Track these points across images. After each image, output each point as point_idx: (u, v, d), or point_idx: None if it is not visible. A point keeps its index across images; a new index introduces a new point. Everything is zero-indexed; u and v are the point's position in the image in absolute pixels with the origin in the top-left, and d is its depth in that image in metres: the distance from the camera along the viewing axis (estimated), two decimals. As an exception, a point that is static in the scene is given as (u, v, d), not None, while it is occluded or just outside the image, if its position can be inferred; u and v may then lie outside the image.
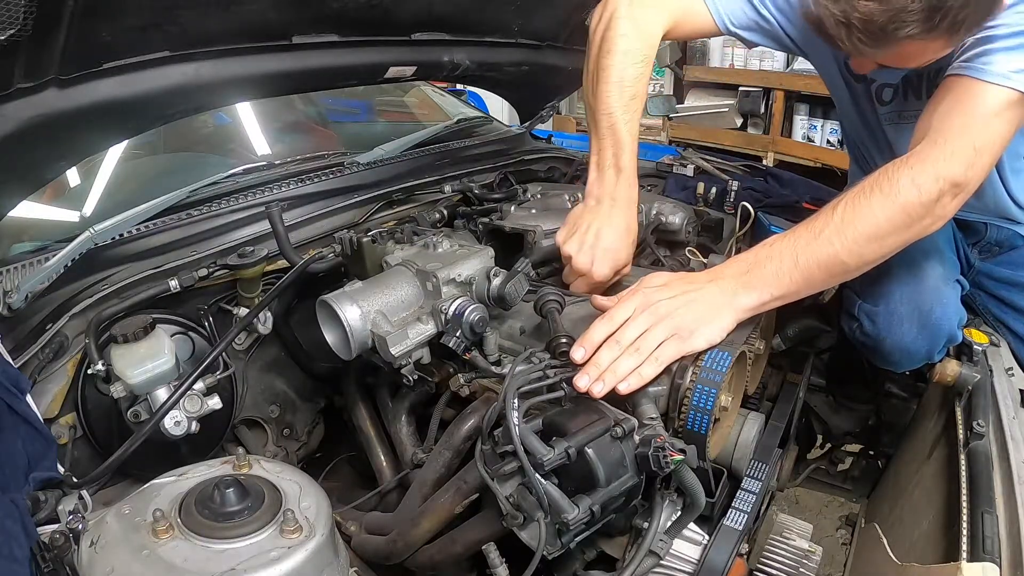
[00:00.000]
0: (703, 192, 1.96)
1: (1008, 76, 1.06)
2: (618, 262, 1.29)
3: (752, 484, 1.17)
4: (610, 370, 0.99)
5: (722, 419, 1.11)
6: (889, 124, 1.46)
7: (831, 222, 1.06)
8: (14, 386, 0.95)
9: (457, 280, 1.20)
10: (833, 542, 2.11)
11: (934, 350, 1.35)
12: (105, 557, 0.76)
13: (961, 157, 1.05)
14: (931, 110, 1.12)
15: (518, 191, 1.79)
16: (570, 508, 0.86)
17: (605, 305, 1.11)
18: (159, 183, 1.64)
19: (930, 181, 1.04)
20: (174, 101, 1.34)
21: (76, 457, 1.20)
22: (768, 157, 4.45)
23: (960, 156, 1.05)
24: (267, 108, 2.03)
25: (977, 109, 1.08)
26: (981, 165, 1.08)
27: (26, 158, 1.19)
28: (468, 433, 1.16)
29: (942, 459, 1.28)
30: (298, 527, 0.78)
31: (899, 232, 1.06)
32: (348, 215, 1.63)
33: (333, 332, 1.18)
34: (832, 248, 1.05)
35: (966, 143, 1.06)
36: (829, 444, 1.97)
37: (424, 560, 1.12)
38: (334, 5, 1.36)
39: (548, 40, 1.97)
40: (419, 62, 1.74)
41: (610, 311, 1.06)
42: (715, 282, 1.07)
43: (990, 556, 0.93)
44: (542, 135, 2.51)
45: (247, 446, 1.46)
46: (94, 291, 1.26)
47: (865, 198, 1.06)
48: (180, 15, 1.16)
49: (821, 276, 1.07)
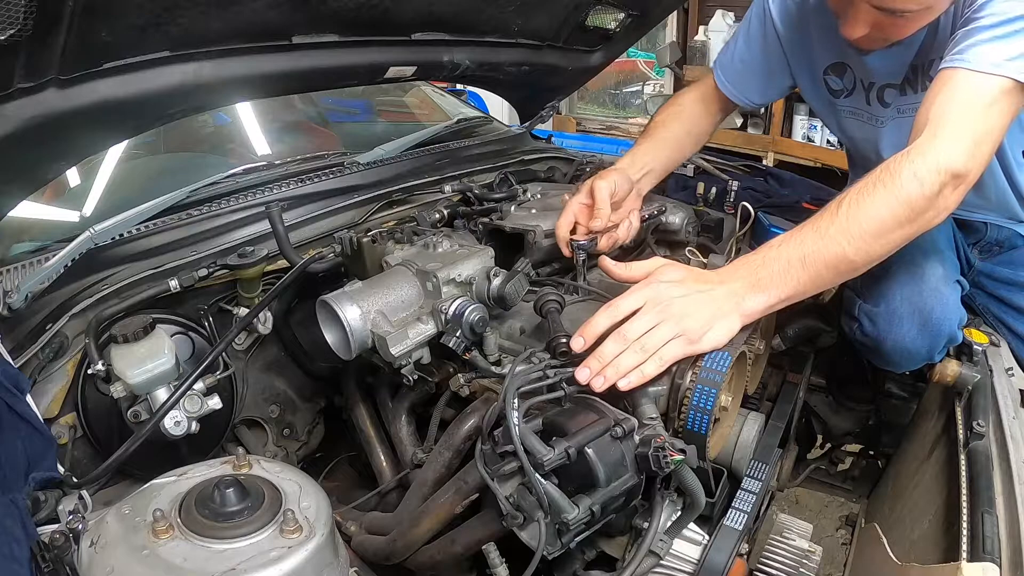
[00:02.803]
0: (703, 192, 1.96)
1: (1000, 64, 1.07)
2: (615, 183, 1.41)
3: (752, 484, 1.17)
4: (612, 365, 0.99)
5: (722, 419, 1.11)
6: (891, 121, 1.46)
7: (836, 220, 1.06)
8: (14, 386, 0.95)
9: (457, 280, 1.20)
10: (833, 542, 2.10)
11: (934, 351, 1.35)
12: (105, 557, 0.76)
13: (960, 148, 1.06)
14: (927, 104, 1.12)
15: (518, 191, 1.79)
16: (570, 508, 0.86)
17: (613, 271, 1.12)
18: (159, 183, 1.64)
19: (931, 173, 1.04)
20: (174, 101, 1.34)
21: (76, 457, 1.20)
22: (768, 157, 4.45)
23: (959, 147, 1.06)
24: (267, 108, 2.04)
25: (972, 100, 1.08)
26: (981, 155, 1.08)
27: (26, 158, 1.19)
28: (468, 433, 1.16)
29: (942, 459, 1.28)
30: (298, 527, 0.78)
31: (903, 226, 1.06)
32: (348, 215, 1.63)
33: (333, 332, 1.18)
34: (839, 247, 1.05)
35: (964, 134, 1.06)
36: (829, 444, 1.97)
37: (424, 560, 1.13)
38: (334, 5, 1.36)
39: (548, 40, 1.97)
40: (419, 62, 1.74)
41: (616, 301, 1.05)
42: (725, 284, 1.07)
43: (990, 556, 0.93)
44: (542, 135, 2.50)
45: (247, 446, 1.46)
46: (94, 291, 1.26)
47: (868, 194, 1.06)
48: (180, 15, 1.16)
49: (829, 275, 1.07)
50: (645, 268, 1.11)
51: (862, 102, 1.49)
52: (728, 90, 1.64)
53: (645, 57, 5.12)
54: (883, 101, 1.45)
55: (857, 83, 1.48)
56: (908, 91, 1.39)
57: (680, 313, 1.02)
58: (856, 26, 1.20)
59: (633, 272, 1.12)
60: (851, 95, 1.51)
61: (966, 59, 1.09)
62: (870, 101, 1.47)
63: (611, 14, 1.95)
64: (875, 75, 1.42)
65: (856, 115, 1.53)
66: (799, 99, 4.41)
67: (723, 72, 1.65)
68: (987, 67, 1.07)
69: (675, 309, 1.03)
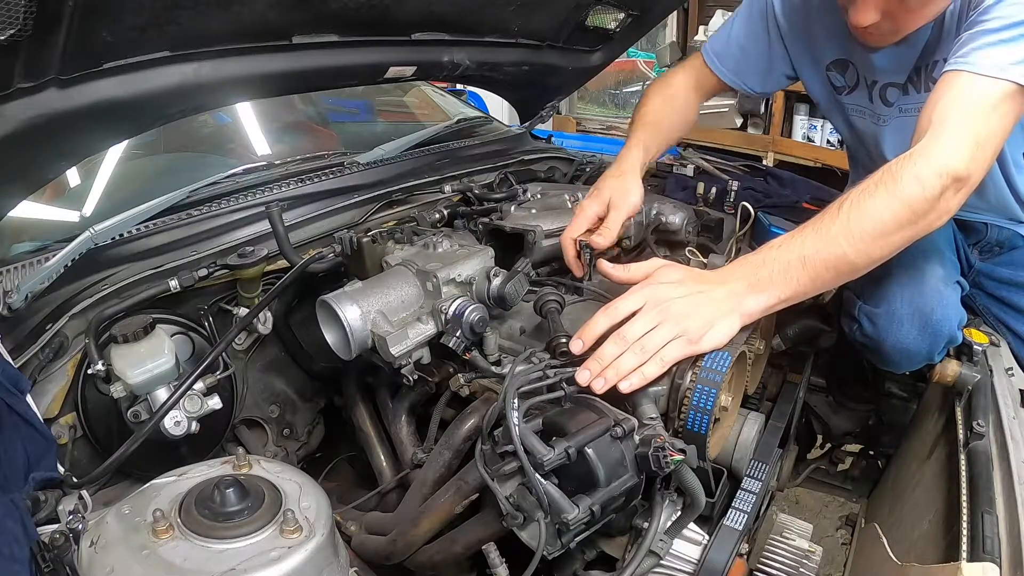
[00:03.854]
0: (703, 192, 1.96)
1: (1004, 68, 1.06)
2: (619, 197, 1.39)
3: (752, 484, 1.17)
4: (613, 366, 0.99)
5: (722, 419, 1.11)
6: (893, 120, 1.46)
7: (837, 221, 1.06)
8: (14, 386, 0.95)
9: (457, 280, 1.20)
10: (833, 542, 2.10)
11: (934, 352, 1.35)
12: (105, 557, 0.76)
13: (962, 151, 1.05)
14: (930, 106, 1.12)
15: (518, 191, 1.79)
16: (570, 508, 0.86)
17: (611, 274, 1.11)
18: (159, 183, 1.64)
19: (933, 176, 1.04)
20: (174, 101, 1.34)
21: (76, 457, 1.20)
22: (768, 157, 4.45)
23: (961, 150, 1.05)
24: (267, 108, 2.03)
25: (975, 103, 1.08)
26: (983, 159, 1.08)
27: (26, 158, 1.19)
28: (468, 433, 1.16)
29: (942, 459, 1.28)
30: (298, 527, 0.78)
31: (904, 229, 1.06)
32: (348, 215, 1.63)
33: (333, 332, 1.18)
34: (840, 248, 1.05)
35: (967, 137, 1.06)
36: (829, 444, 1.97)
37: (424, 560, 1.12)
38: (334, 5, 1.36)
39: (548, 40, 1.97)
40: (419, 62, 1.74)
41: (616, 302, 1.05)
42: (725, 284, 1.07)
43: (990, 556, 0.93)
44: (542, 135, 2.51)
45: (247, 446, 1.46)
46: (94, 291, 1.26)
47: (870, 196, 1.06)
48: (180, 15, 1.16)
49: (829, 276, 1.07)
50: (644, 269, 1.11)
51: (865, 99, 1.49)
52: (727, 77, 1.64)
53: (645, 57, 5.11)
54: (886, 100, 1.45)
55: (860, 80, 1.48)
56: (911, 91, 1.39)
57: (680, 313, 1.02)
58: (867, 11, 1.18)
59: (632, 274, 1.12)
60: (853, 92, 1.51)
61: (970, 62, 1.09)
62: (872, 99, 1.47)
63: (611, 14, 1.95)
64: (879, 73, 1.42)
65: (859, 112, 1.53)
66: (799, 99, 4.45)
67: (719, 59, 1.63)
68: (991, 71, 1.07)
69: (675, 310, 1.03)
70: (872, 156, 1.57)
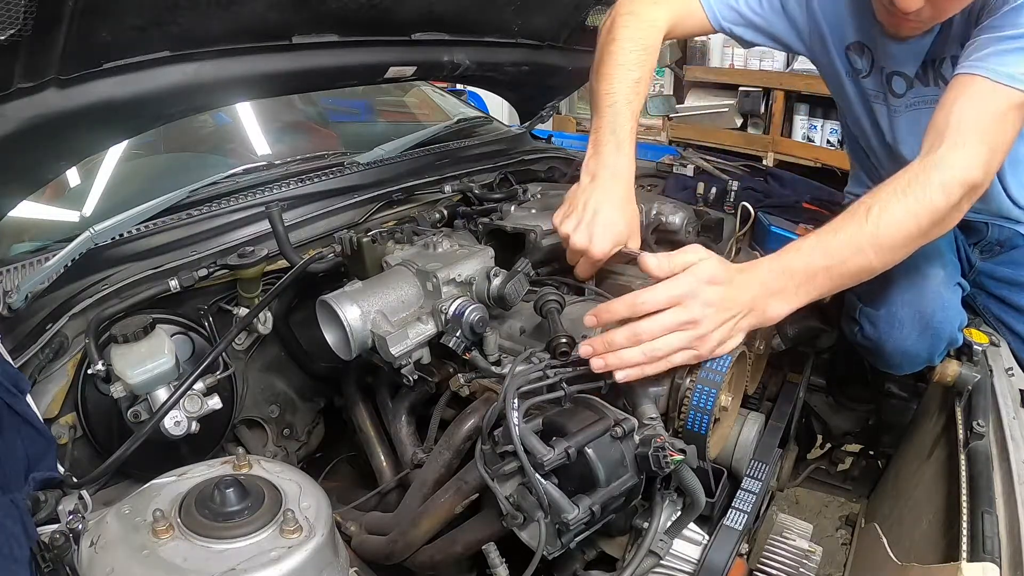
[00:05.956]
0: (703, 192, 1.96)
1: (1019, 79, 1.07)
2: (618, 236, 1.22)
3: (752, 484, 1.17)
4: (616, 354, 0.99)
5: (722, 419, 1.11)
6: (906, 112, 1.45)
7: (866, 229, 1.04)
8: (14, 386, 0.95)
9: (457, 280, 1.20)
10: (833, 542, 2.10)
11: (935, 353, 1.35)
12: (105, 557, 0.76)
13: (981, 160, 1.06)
14: (947, 107, 1.11)
15: (518, 191, 1.79)
16: (570, 508, 0.86)
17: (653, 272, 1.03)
18: (159, 183, 1.63)
19: (956, 185, 1.05)
20: (174, 101, 1.34)
21: (76, 457, 1.20)
22: (768, 157, 4.45)
23: (981, 159, 1.06)
24: (267, 108, 2.03)
25: (993, 111, 1.08)
26: (996, 166, 1.09)
27: (26, 158, 1.19)
28: (468, 433, 1.16)
29: (942, 459, 1.28)
30: (298, 527, 0.78)
31: (925, 236, 1.07)
32: (348, 215, 1.63)
33: (333, 332, 1.18)
34: (867, 259, 1.04)
35: (985, 145, 1.07)
36: (829, 444, 1.97)
37: (424, 560, 1.12)
38: (334, 5, 1.36)
39: (548, 40, 1.97)
40: (419, 62, 1.74)
41: (643, 293, 1.00)
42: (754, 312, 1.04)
43: (990, 556, 0.93)
44: (542, 135, 2.51)
45: (247, 446, 1.46)
46: (94, 291, 1.26)
47: (898, 202, 1.04)
48: (180, 15, 1.16)
49: (848, 283, 1.07)
50: (685, 261, 1.04)
51: (879, 85, 1.48)
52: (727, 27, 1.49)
53: (645, 57, 5.11)
54: (895, 91, 1.44)
55: (875, 67, 1.47)
56: (918, 84, 1.39)
57: (700, 335, 1.00)
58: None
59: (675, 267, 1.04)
60: (868, 77, 1.49)
61: (989, 67, 1.09)
62: (883, 87, 1.46)
63: (611, 14, 1.95)
64: (893, 62, 1.40)
65: (875, 98, 1.50)
66: (799, 99, 4.45)
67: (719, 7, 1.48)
68: (1008, 79, 1.07)
69: (698, 331, 0.99)
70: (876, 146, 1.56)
